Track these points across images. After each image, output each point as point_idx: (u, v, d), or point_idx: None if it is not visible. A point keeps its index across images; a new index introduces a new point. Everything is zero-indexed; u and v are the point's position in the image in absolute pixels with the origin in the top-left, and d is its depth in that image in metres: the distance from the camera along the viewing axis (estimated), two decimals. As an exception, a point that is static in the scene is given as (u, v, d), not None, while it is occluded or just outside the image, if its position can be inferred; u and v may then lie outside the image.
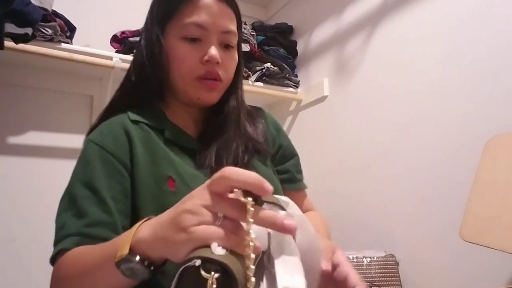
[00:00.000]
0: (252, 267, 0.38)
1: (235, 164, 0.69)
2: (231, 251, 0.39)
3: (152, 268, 0.45)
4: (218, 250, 0.38)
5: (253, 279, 0.37)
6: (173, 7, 0.71)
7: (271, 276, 0.41)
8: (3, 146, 1.60)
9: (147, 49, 0.73)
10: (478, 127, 1.22)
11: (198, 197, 0.42)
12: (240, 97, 0.80)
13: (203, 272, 0.35)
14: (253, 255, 0.38)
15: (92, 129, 0.74)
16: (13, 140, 1.62)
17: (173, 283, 0.37)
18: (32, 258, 1.50)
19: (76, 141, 1.72)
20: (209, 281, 0.35)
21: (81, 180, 0.64)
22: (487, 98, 1.21)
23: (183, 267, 0.37)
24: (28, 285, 1.44)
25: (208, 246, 0.39)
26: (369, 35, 1.69)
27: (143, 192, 0.65)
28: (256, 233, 0.40)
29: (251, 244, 0.38)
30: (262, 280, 0.42)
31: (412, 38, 1.49)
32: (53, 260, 0.60)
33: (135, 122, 0.71)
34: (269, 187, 0.40)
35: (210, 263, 0.36)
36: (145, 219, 0.48)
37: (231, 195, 0.42)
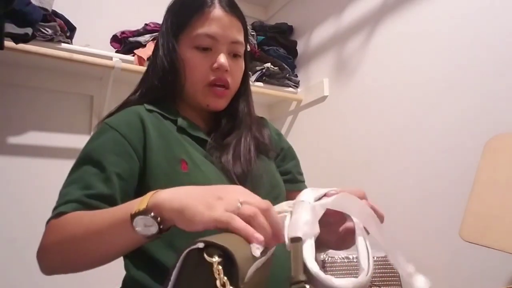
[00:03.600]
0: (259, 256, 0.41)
1: (248, 161, 0.75)
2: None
3: (161, 226, 0.49)
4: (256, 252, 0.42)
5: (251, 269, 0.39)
6: (186, 19, 0.77)
7: None
8: (3, 146, 1.59)
9: (166, 57, 0.78)
10: (478, 127, 1.22)
11: (234, 192, 0.48)
12: (250, 104, 0.86)
13: (206, 255, 0.37)
14: (258, 247, 0.42)
15: (107, 116, 0.78)
16: (13, 140, 1.62)
17: (178, 263, 0.38)
18: (33, 258, 1.49)
19: (76, 141, 1.72)
20: (215, 265, 0.36)
21: (90, 158, 0.67)
22: (488, 98, 1.21)
23: (187, 249, 0.38)
24: (29, 285, 1.44)
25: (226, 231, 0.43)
26: (369, 35, 1.69)
27: (157, 172, 0.69)
28: None
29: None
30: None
31: (412, 38, 1.49)
32: (49, 222, 0.63)
33: (150, 111, 0.76)
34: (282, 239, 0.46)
35: (213, 247, 0.37)
36: (156, 190, 0.52)
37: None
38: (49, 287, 1.18)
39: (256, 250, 0.42)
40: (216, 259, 0.36)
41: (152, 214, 0.48)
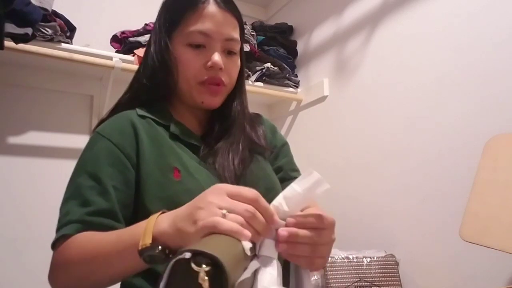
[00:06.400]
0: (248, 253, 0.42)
1: (241, 164, 0.74)
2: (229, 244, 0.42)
3: (170, 256, 0.50)
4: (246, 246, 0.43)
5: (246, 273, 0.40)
6: (179, 16, 0.75)
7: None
8: (3, 146, 1.59)
9: (157, 55, 0.77)
10: (478, 127, 1.22)
11: (213, 198, 0.48)
12: (244, 102, 0.84)
13: (193, 265, 0.36)
14: (247, 244, 0.43)
15: (100, 123, 0.77)
16: (13, 140, 1.62)
17: (165, 275, 0.38)
18: (33, 257, 1.50)
19: (76, 141, 1.72)
20: (201, 274, 0.35)
21: (86, 170, 0.67)
22: (487, 98, 1.21)
23: (174, 260, 0.37)
24: (29, 285, 1.44)
25: (214, 233, 0.43)
26: (369, 35, 1.69)
27: (149, 181, 0.67)
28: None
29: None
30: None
31: (412, 38, 1.49)
32: (54, 246, 0.63)
33: (142, 116, 0.75)
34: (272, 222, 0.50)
35: (201, 256, 0.36)
36: (160, 212, 0.53)
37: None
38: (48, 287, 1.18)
39: (248, 248, 0.43)
40: (203, 268, 0.35)
41: (160, 248, 0.49)
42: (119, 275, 0.57)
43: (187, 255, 0.37)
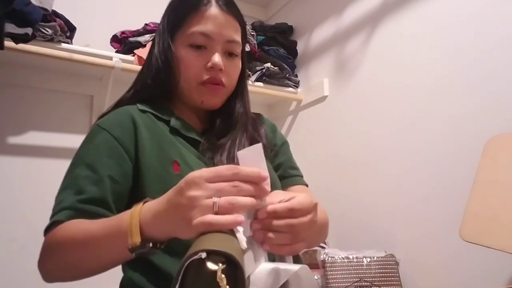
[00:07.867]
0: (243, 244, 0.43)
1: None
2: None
3: (161, 246, 0.52)
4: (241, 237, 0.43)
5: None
6: (182, 17, 0.77)
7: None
8: (3, 146, 1.59)
9: (160, 55, 0.78)
10: (478, 127, 1.22)
11: (195, 191, 0.46)
12: (247, 104, 0.85)
13: (210, 264, 0.36)
14: (242, 237, 0.43)
15: (100, 117, 0.78)
16: (13, 140, 1.62)
17: (179, 277, 0.38)
18: (33, 257, 1.50)
19: (76, 141, 1.69)
20: (218, 273, 0.36)
21: (83, 160, 0.68)
22: (487, 98, 1.21)
23: (189, 260, 0.38)
24: (29, 285, 1.43)
25: (217, 231, 0.43)
26: (369, 35, 1.69)
27: (149, 174, 0.68)
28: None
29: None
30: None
31: (412, 38, 1.49)
32: (46, 232, 0.64)
33: (143, 111, 0.76)
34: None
35: (215, 255, 0.37)
36: (143, 201, 0.54)
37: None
38: (48, 287, 1.18)
39: (243, 242, 0.43)
40: (220, 266, 0.36)
41: (151, 245, 0.50)
42: (105, 265, 0.58)
43: (203, 255, 0.37)
